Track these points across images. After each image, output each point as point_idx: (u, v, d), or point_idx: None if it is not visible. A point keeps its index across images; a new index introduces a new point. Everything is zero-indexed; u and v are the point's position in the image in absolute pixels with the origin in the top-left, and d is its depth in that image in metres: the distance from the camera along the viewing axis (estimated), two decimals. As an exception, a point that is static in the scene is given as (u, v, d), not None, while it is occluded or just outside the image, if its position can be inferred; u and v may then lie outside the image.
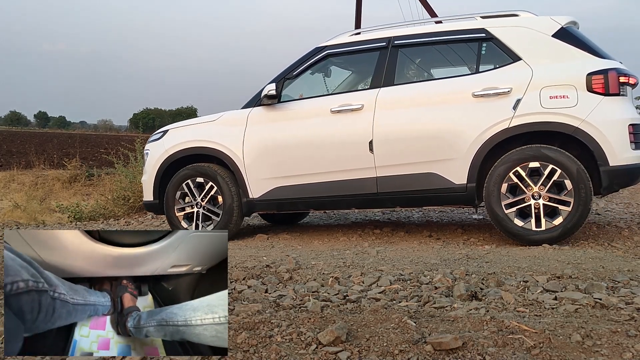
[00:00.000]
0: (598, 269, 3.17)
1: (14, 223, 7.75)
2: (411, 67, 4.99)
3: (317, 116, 4.74)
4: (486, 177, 4.26)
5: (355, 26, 18.63)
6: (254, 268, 3.48)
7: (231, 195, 4.94)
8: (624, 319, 2.26)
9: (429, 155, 4.37)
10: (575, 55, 4.22)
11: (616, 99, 4.07)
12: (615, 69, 4.10)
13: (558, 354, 1.95)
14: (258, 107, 4.96)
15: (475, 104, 4.28)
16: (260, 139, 4.87)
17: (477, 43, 4.51)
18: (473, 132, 4.24)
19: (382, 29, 4.93)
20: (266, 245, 4.85)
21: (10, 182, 14.19)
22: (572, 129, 4.04)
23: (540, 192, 4.09)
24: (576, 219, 4.01)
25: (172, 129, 5.40)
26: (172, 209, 5.14)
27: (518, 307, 2.51)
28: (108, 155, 9.81)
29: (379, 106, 4.53)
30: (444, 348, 1.99)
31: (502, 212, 4.17)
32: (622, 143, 4.02)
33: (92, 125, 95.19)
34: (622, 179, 4.10)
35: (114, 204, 8.35)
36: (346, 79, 5.44)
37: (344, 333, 2.11)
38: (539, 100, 4.11)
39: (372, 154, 4.51)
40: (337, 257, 3.96)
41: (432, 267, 3.40)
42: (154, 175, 5.24)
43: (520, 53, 4.30)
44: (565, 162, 4.04)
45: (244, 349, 2.05)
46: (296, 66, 4.96)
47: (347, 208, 4.89)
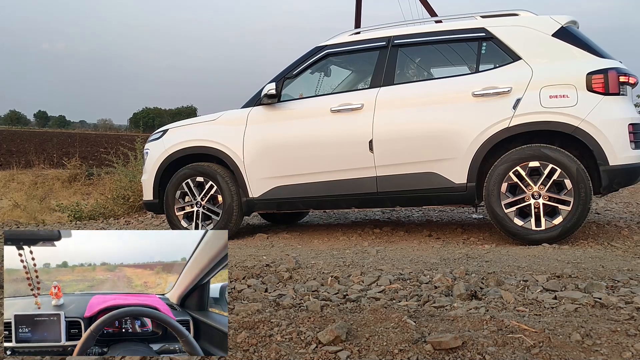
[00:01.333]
0: (598, 269, 3.18)
1: (13, 222, 7.76)
2: (411, 67, 5.00)
3: (317, 116, 4.74)
4: (486, 177, 4.26)
5: (355, 25, 18.65)
6: (254, 267, 3.48)
7: (231, 195, 4.94)
8: (624, 318, 2.26)
9: (429, 154, 4.37)
10: (575, 54, 4.22)
11: (616, 99, 4.07)
12: (615, 69, 4.10)
13: (558, 353, 1.95)
14: (258, 106, 4.96)
15: (475, 104, 4.28)
16: (260, 139, 4.86)
17: (477, 42, 4.51)
18: (473, 131, 4.24)
19: (382, 29, 4.93)
20: (266, 244, 4.85)
21: (10, 182, 14.19)
22: (571, 128, 4.04)
23: (540, 192, 4.09)
24: (576, 219, 4.01)
25: (172, 128, 5.40)
26: (171, 209, 5.14)
27: (518, 307, 2.51)
28: (108, 155, 9.81)
29: (379, 106, 4.53)
30: (443, 347, 1.99)
31: (502, 211, 4.17)
32: (621, 142, 4.02)
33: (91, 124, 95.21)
34: (621, 179, 4.10)
35: (114, 203, 8.36)
36: (346, 78, 5.44)
37: (344, 332, 2.11)
38: (539, 99, 4.11)
39: (372, 154, 4.51)
40: (337, 257, 3.96)
41: (432, 267, 3.41)
42: (153, 175, 5.24)
43: (520, 52, 4.30)
44: (565, 162, 4.04)
45: (244, 348, 2.05)
46: (296, 65, 4.95)
47: (346, 207, 4.89)
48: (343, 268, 3.48)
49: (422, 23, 5.07)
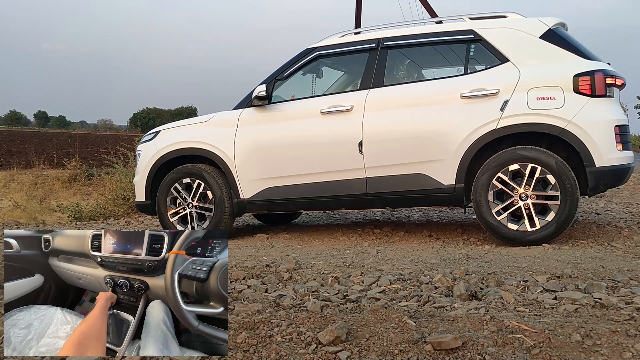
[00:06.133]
0: (598, 269, 3.18)
1: (14, 223, 7.75)
2: (400, 68, 5.01)
3: (308, 117, 4.76)
4: (474, 179, 4.27)
5: (355, 25, 18.68)
6: (254, 268, 3.48)
7: (220, 188, 4.95)
8: (624, 318, 2.26)
9: (418, 156, 4.39)
10: (562, 56, 4.24)
11: (603, 100, 4.09)
12: (601, 71, 4.12)
13: (558, 354, 1.95)
14: (249, 108, 4.97)
15: (463, 105, 4.30)
16: (251, 140, 4.88)
17: (465, 44, 4.52)
18: (461, 133, 4.26)
19: (372, 30, 4.94)
20: (266, 244, 4.85)
21: (10, 182, 14.19)
22: (558, 130, 4.06)
23: (526, 193, 4.11)
24: (568, 210, 4.02)
25: (164, 130, 5.41)
26: (165, 216, 5.14)
27: (518, 307, 2.51)
28: (108, 155, 9.81)
29: (368, 107, 4.55)
30: (443, 348, 1.98)
31: (495, 219, 4.18)
32: (608, 144, 4.05)
33: (92, 124, 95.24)
34: (608, 180, 4.12)
35: (114, 204, 8.36)
36: (338, 79, 5.45)
37: (344, 333, 2.11)
38: (526, 101, 4.13)
39: (362, 155, 4.52)
40: (337, 257, 3.96)
41: (432, 267, 3.41)
42: (145, 176, 5.25)
43: (508, 54, 4.32)
44: (542, 159, 4.06)
45: (244, 349, 2.05)
46: (287, 67, 4.96)
47: (337, 208, 4.91)
48: (343, 268, 3.48)
49: (418, 24, 5.06)
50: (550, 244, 4.05)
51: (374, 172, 4.52)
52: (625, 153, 4.15)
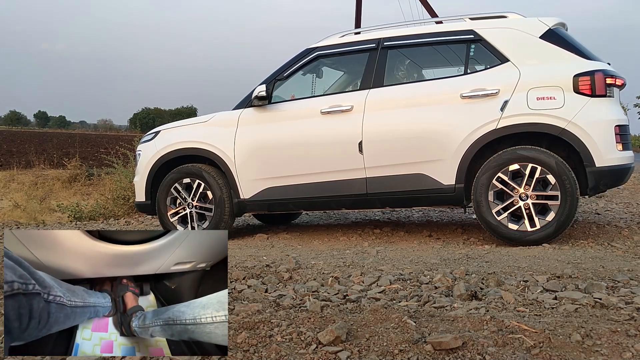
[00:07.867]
0: (598, 269, 3.18)
1: (14, 223, 7.75)
2: (400, 69, 5.01)
3: (308, 117, 4.76)
4: (474, 179, 4.27)
5: (355, 25, 18.68)
6: (254, 268, 3.48)
7: (220, 188, 4.95)
8: (624, 318, 2.26)
9: (418, 156, 4.39)
10: (562, 56, 4.24)
11: (603, 100, 4.09)
12: (601, 71, 4.12)
13: (558, 354, 1.95)
14: (249, 108, 4.97)
15: (464, 105, 4.30)
16: (251, 140, 4.88)
17: (465, 44, 4.52)
18: (461, 133, 4.26)
19: (372, 30, 4.94)
20: (266, 244, 4.85)
21: (10, 182, 14.19)
22: (558, 130, 4.06)
23: (526, 193, 4.11)
24: (567, 211, 4.02)
25: (164, 129, 5.41)
26: (165, 216, 5.14)
27: (518, 307, 2.51)
28: (108, 155, 9.81)
29: (368, 107, 4.55)
30: (444, 348, 1.98)
31: (495, 219, 4.18)
32: (608, 144, 4.05)
33: (92, 125, 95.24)
34: (608, 180, 4.13)
35: (114, 204, 8.36)
36: (338, 79, 5.45)
37: (344, 333, 2.11)
38: (526, 101, 4.13)
39: (362, 155, 4.52)
40: (337, 257, 3.96)
41: (432, 267, 3.41)
42: (145, 176, 5.25)
43: (508, 54, 4.32)
44: (542, 158, 4.06)
45: (244, 349, 2.05)
46: (287, 67, 4.96)
47: (337, 208, 4.91)
48: (343, 268, 3.48)
49: (418, 24, 5.06)
50: (550, 244, 4.05)
51: (374, 172, 4.52)
52: (625, 153, 4.15)
